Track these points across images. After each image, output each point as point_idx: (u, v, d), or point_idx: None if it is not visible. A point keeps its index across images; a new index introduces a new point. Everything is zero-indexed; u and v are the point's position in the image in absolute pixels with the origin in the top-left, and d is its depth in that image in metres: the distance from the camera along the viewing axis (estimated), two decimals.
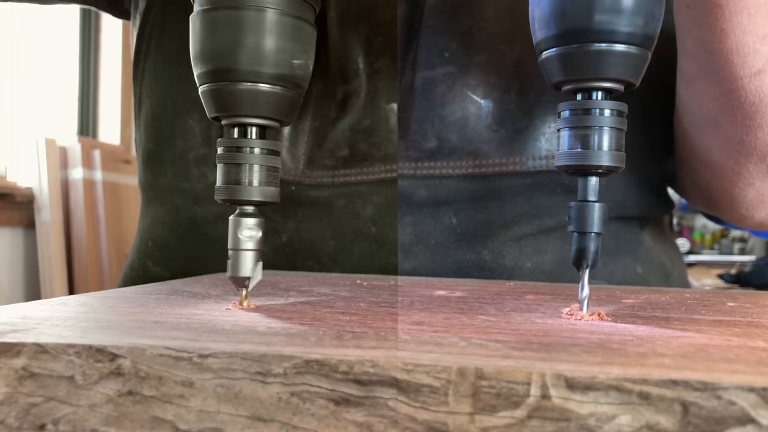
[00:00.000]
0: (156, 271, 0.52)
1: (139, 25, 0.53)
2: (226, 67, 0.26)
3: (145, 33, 0.52)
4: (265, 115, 0.27)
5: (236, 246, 0.27)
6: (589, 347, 0.20)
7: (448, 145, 0.45)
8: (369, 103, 0.46)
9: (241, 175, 0.27)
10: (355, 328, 0.23)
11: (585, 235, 0.26)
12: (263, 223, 0.28)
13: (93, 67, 2.14)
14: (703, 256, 4.29)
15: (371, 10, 0.46)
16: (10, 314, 0.24)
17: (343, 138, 0.46)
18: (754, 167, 0.43)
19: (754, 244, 4.44)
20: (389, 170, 0.45)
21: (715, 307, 0.30)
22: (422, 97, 0.45)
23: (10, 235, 1.72)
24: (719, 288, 1.72)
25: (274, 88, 0.27)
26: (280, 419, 0.18)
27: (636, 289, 0.39)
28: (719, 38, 0.38)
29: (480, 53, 0.45)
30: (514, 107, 0.45)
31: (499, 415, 0.17)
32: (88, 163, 1.82)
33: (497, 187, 0.45)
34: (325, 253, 0.46)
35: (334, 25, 0.46)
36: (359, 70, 0.46)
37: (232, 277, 0.28)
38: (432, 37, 0.45)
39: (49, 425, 0.19)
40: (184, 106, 0.50)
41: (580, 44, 0.25)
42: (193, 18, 0.27)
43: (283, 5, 0.27)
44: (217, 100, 0.27)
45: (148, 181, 0.53)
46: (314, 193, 0.46)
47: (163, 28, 0.51)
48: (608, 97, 0.26)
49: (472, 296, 0.33)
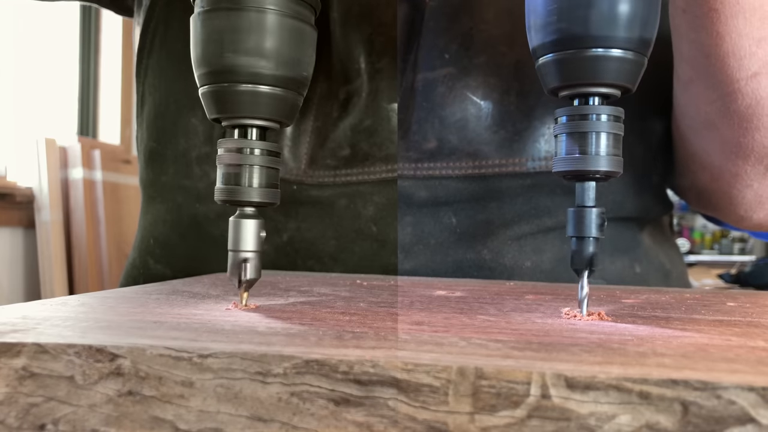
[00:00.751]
0: (157, 268, 0.52)
1: (143, 22, 0.53)
2: (227, 68, 0.26)
3: (149, 30, 0.52)
4: (265, 117, 0.27)
5: (236, 247, 0.27)
6: (589, 347, 0.20)
7: (448, 146, 0.45)
8: (371, 103, 0.46)
9: (241, 176, 0.27)
10: (355, 328, 0.23)
11: (583, 239, 0.26)
12: (263, 224, 0.28)
13: (93, 67, 2.14)
14: (703, 256, 4.29)
15: (373, 10, 0.46)
16: (10, 314, 0.24)
17: (345, 138, 0.46)
18: (752, 169, 0.44)
19: (754, 244, 4.44)
20: (390, 170, 0.45)
21: (715, 307, 0.30)
22: (422, 98, 0.45)
23: (10, 235, 1.72)
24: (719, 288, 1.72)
25: (275, 89, 0.27)
26: (280, 419, 0.18)
27: (636, 289, 0.39)
28: (715, 42, 0.38)
29: (480, 55, 0.45)
30: (513, 108, 0.45)
31: (499, 415, 0.17)
32: (88, 163, 1.82)
33: (497, 187, 0.45)
34: (326, 252, 0.46)
35: (337, 26, 0.46)
36: (361, 70, 0.46)
37: (232, 277, 0.28)
38: (432, 38, 0.45)
39: (49, 425, 0.19)
40: (187, 104, 0.50)
41: (577, 50, 0.25)
42: (193, 19, 0.27)
43: (283, 7, 0.27)
44: (218, 101, 0.27)
45: (149, 179, 0.53)
46: (316, 193, 0.46)
47: (167, 25, 0.51)
48: (605, 102, 0.26)
49: (472, 296, 0.33)
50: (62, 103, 2.05)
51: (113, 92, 2.17)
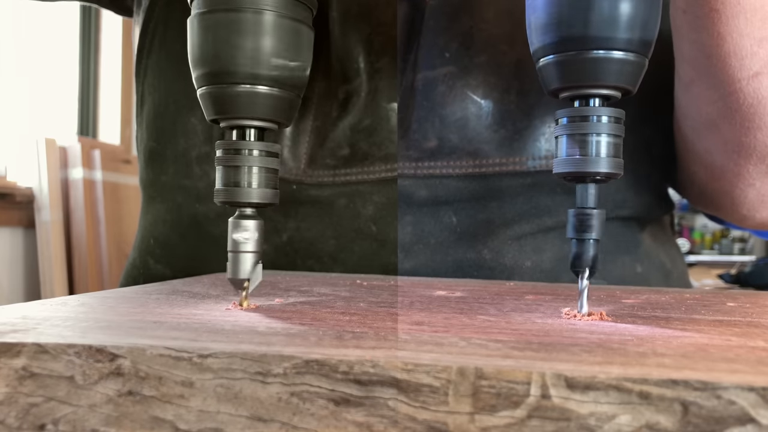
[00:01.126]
0: (157, 268, 0.52)
1: (143, 21, 0.53)
2: (224, 69, 0.26)
3: (148, 30, 0.52)
4: (263, 117, 0.27)
5: (235, 248, 0.27)
6: (589, 347, 0.20)
7: (448, 145, 0.45)
8: (370, 102, 0.46)
9: (239, 177, 0.27)
10: (355, 328, 0.23)
11: (583, 241, 0.26)
12: (262, 225, 0.28)
13: (93, 67, 2.14)
14: (703, 256, 4.29)
15: (372, 9, 0.46)
16: (10, 314, 0.24)
17: (344, 137, 0.46)
18: (754, 168, 0.44)
19: (754, 244, 4.45)
20: (390, 169, 0.45)
21: (715, 307, 0.30)
22: (423, 97, 0.45)
23: (10, 235, 1.72)
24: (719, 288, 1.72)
25: (273, 90, 0.27)
26: (280, 419, 0.18)
27: (636, 289, 0.39)
28: (716, 42, 0.38)
29: (480, 54, 0.45)
30: (514, 107, 0.45)
31: (499, 415, 0.17)
32: (88, 163, 1.82)
33: (497, 186, 0.45)
34: (325, 252, 0.46)
35: (336, 25, 0.46)
36: (360, 69, 0.46)
37: (232, 279, 0.28)
38: (433, 37, 0.45)
39: (49, 425, 0.19)
40: (186, 103, 0.50)
41: (578, 51, 0.25)
42: (190, 21, 0.27)
43: (281, 7, 0.26)
44: (216, 102, 0.27)
45: (149, 179, 0.53)
46: (315, 192, 0.46)
47: (166, 25, 0.51)
48: (606, 103, 0.26)
49: (472, 296, 0.33)
50: (62, 103, 2.05)
51: (113, 92, 2.17)
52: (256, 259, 0.28)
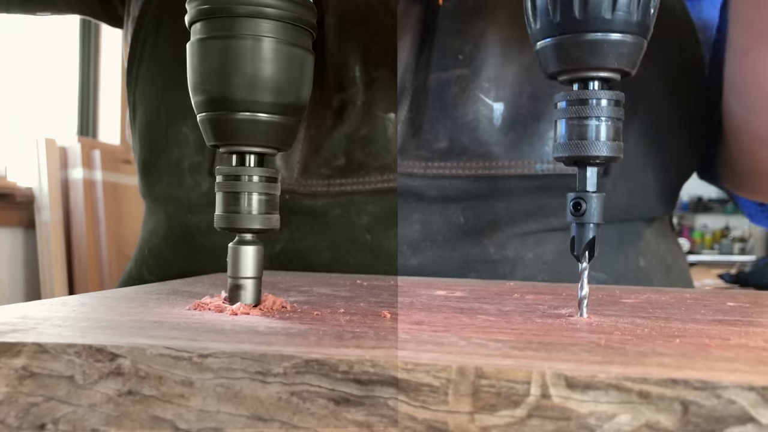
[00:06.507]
0: (151, 280, 0.52)
1: (132, 32, 0.52)
2: (224, 96, 0.26)
3: (138, 40, 0.51)
4: (263, 144, 0.27)
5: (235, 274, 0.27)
6: (589, 347, 0.20)
7: (459, 146, 0.45)
8: (366, 112, 0.46)
9: (240, 203, 0.27)
10: (355, 328, 0.23)
11: (583, 225, 0.26)
12: (262, 250, 0.28)
13: (93, 67, 2.14)
14: (703, 256, 4.29)
15: (371, 17, 0.45)
16: (10, 314, 0.24)
17: (340, 147, 0.46)
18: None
19: (754, 244, 4.45)
20: (386, 180, 0.45)
21: (715, 307, 0.30)
22: (435, 97, 0.45)
23: (10, 235, 1.72)
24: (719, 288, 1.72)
25: (272, 116, 0.27)
26: (280, 419, 0.18)
27: (636, 289, 0.39)
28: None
29: (493, 57, 0.45)
30: (525, 111, 0.45)
31: (499, 414, 0.17)
32: (88, 163, 1.82)
33: (505, 188, 0.45)
34: (319, 262, 0.46)
35: (332, 32, 0.46)
36: (356, 78, 0.46)
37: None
38: (446, 39, 0.45)
39: (49, 425, 0.19)
40: (178, 113, 0.49)
41: (575, 34, 0.25)
42: (190, 46, 0.27)
43: (280, 33, 0.26)
44: (215, 129, 0.27)
45: (145, 190, 0.53)
46: (309, 202, 0.46)
47: (156, 35, 0.51)
48: (605, 86, 0.26)
49: (472, 296, 0.33)
50: (62, 104, 2.05)
51: (113, 92, 2.16)
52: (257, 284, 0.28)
